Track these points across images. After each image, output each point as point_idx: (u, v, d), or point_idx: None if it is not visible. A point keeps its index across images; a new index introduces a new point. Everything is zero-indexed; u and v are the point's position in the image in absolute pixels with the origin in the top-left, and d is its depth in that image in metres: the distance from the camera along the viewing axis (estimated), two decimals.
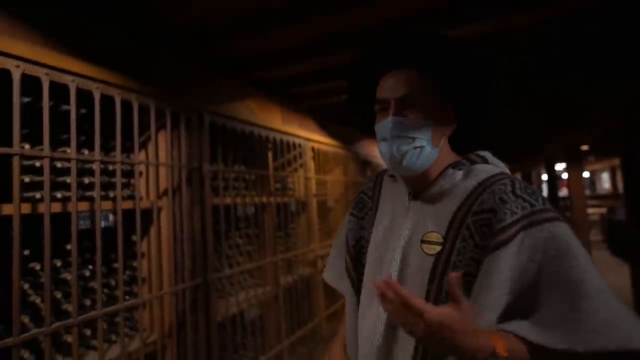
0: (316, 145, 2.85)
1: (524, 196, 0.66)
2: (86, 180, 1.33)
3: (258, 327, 2.10)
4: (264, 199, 2.26)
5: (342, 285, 0.89)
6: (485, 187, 0.69)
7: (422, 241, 0.72)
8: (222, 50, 1.81)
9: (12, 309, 1.00)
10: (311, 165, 2.85)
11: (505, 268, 0.62)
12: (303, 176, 2.70)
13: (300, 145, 2.62)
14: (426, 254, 0.71)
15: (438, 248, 0.70)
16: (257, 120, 2.14)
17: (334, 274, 0.93)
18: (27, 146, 1.13)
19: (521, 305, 0.63)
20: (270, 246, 2.30)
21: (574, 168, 5.38)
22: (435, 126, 0.73)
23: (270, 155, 2.37)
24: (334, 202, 3.34)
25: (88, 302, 1.36)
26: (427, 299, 0.68)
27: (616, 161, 9.59)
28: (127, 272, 1.55)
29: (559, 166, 9.15)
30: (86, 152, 1.33)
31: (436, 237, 0.70)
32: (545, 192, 8.54)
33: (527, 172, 10.35)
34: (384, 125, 0.73)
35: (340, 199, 3.37)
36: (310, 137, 2.75)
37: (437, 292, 0.68)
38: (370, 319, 0.76)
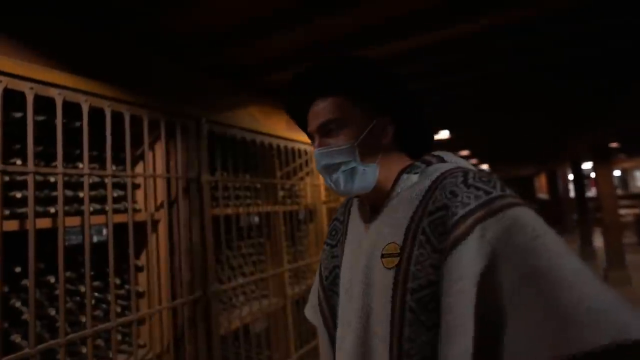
0: None
1: (477, 184, 0.60)
2: (81, 194, 1.31)
3: (264, 341, 2.04)
4: (270, 208, 2.20)
5: (316, 321, 0.84)
6: (437, 185, 0.64)
7: (383, 255, 0.66)
8: (221, 56, 1.79)
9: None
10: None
11: (468, 271, 0.55)
12: (311, 183, 2.63)
13: (306, 152, 2.56)
14: (386, 268, 0.65)
15: (396, 260, 0.64)
16: (259, 127, 2.09)
17: (311, 309, 0.88)
18: (41, 163, 1.11)
19: (491, 315, 0.54)
20: (277, 256, 2.24)
21: (602, 166, 5.09)
22: (366, 142, 0.70)
23: (276, 163, 2.32)
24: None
25: (83, 319, 1.33)
26: (391, 317, 0.62)
27: None
28: (126, 287, 1.52)
29: (587, 165, 8.74)
30: (96, 165, 1.31)
31: (394, 247, 0.65)
32: (572, 193, 8.15)
33: (552, 171, 9.94)
34: (315, 157, 0.73)
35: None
36: None
37: (401, 309, 0.61)
38: (346, 352, 0.69)
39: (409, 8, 1.54)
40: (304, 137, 2.53)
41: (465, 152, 6.74)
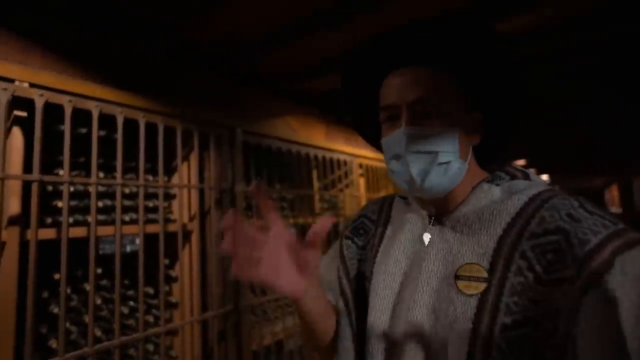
0: (365, 162, 2.68)
1: (599, 212, 0.50)
2: (110, 203, 1.34)
3: (298, 358, 1.96)
4: (308, 220, 2.14)
5: (331, 298, 0.71)
6: (542, 203, 0.53)
7: (458, 277, 0.54)
8: (256, 64, 1.77)
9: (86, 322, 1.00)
10: (360, 182, 2.68)
11: (614, 314, 0.42)
12: (350, 194, 2.54)
13: (346, 163, 2.48)
14: (465, 294, 0.52)
15: (482, 286, 0.51)
16: (296, 137, 2.05)
17: (331, 293, 0.73)
18: (82, 174, 1.15)
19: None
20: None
21: None
22: (464, 135, 0.59)
23: (314, 173, 2.27)
24: None
25: (99, 333, 1.33)
26: (468, 356, 0.50)
27: None
28: (158, 298, 1.53)
29: None
30: (133, 176, 1.34)
31: (477, 270, 0.53)
32: None
33: (627, 182, 8.93)
34: (395, 138, 0.58)
35: None
36: (358, 153, 2.59)
37: (485, 348, 0.49)
38: None
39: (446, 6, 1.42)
40: (344, 147, 2.46)
41: (521, 162, 6.27)
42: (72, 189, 1.20)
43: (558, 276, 0.47)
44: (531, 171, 0.62)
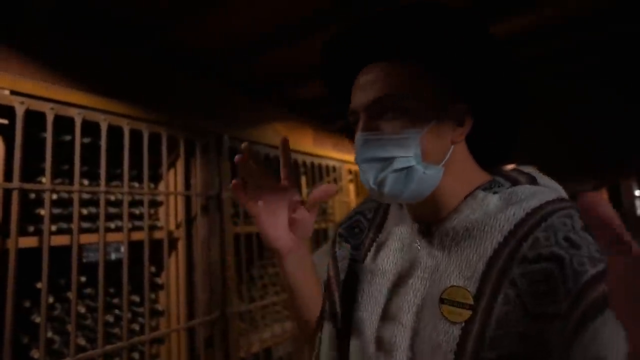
0: (354, 167, 2.70)
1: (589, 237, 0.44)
2: (94, 211, 1.33)
3: None
4: None
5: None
6: (539, 221, 0.46)
7: (443, 300, 0.49)
8: (242, 70, 1.79)
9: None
10: (350, 188, 2.70)
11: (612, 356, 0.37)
12: (340, 200, 2.55)
13: (335, 169, 2.49)
14: (449, 321, 0.47)
15: (467, 314, 0.46)
16: None
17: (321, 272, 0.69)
18: (66, 181, 1.14)
19: None
20: None
21: None
22: (434, 135, 0.51)
23: (303, 180, 2.27)
24: None
25: (83, 342, 1.32)
26: None
27: None
28: (144, 306, 1.52)
29: None
30: (119, 183, 1.34)
31: (463, 295, 0.47)
32: (638, 210, 7.32)
33: (615, 187, 9.06)
34: (355, 145, 0.53)
35: None
36: (346, 158, 2.61)
37: None
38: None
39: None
40: (332, 153, 2.47)
41: (511, 166, 6.32)
42: (54, 196, 1.20)
43: (548, 310, 0.42)
44: (537, 173, 0.55)
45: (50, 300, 1.25)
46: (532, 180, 0.53)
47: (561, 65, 2.11)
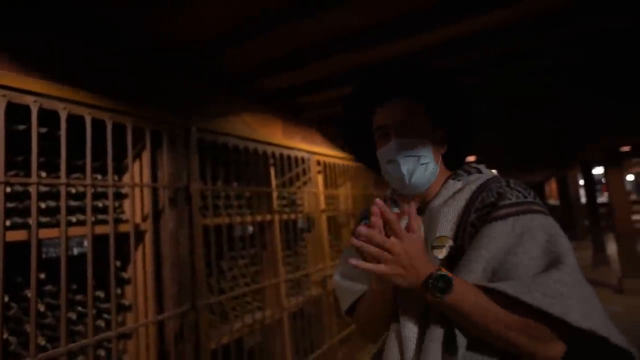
0: (322, 159, 2.72)
1: (518, 189, 0.74)
2: (54, 204, 1.27)
3: (258, 354, 1.96)
4: (265, 217, 2.15)
5: (358, 287, 0.86)
6: (484, 188, 0.76)
7: (433, 247, 0.74)
8: (211, 62, 1.75)
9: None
10: (318, 179, 2.72)
11: (494, 236, 0.68)
12: (309, 191, 2.57)
13: (303, 160, 2.51)
14: (438, 258, 0.73)
15: (448, 251, 0.73)
16: (253, 134, 2.04)
17: (346, 274, 0.90)
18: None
19: (497, 279, 0.66)
20: (273, 267, 2.17)
21: (614, 171, 4.94)
22: (433, 146, 0.82)
23: (272, 171, 2.27)
24: (348, 217, 3.18)
25: (43, 341, 1.27)
26: None
27: None
28: (111, 301, 1.47)
29: (599, 170, 8.54)
30: (80, 175, 1.27)
31: (445, 240, 0.74)
32: (583, 198, 7.93)
33: (563, 177, 9.73)
34: (389, 148, 0.80)
35: (354, 213, 3.21)
36: (315, 150, 2.63)
37: None
38: (395, 345, 0.74)
39: (407, 8, 1.48)
40: (301, 145, 2.48)
41: (471, 158, 6.62)
42: (8, 189, 1.13)
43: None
44: (482, 166, 0.85)
45: (5, 299, 1.18)
46: (479, 171, 0.84)
47: (528, 62, 2.20)
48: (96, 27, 1.32)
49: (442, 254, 0.73)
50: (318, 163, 2.68)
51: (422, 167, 0.79)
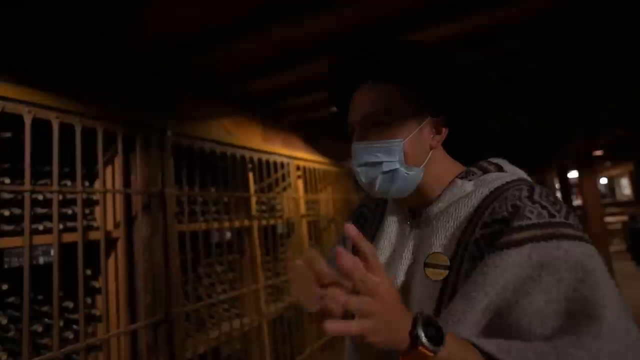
0: (302, 163, 2.71)
1: (544, 203, 0.54)
2: (19, 212, 1.22)
3: None
4: (243, 223, 2.12)
5: None
6: (498, 195, 0.58)
7: (426, 264, 0.60)
8: (187, 64, 1.72)
9: None
10: (298, 184, 2.71)
11: (504, 268, 0.51)
12: (289, 196, 2.56)
13: (283, 165, 2.49)
14: (432, 280, 0.59)
15: (445, 273, 0.58)
16: (231, 139, 2.02)
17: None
18: None
19: (501, 324, 0.51)
20: (252, 273, 2.15)
21: (587, 174, 5.10)
22: (414, 142, 0.63)
23: (251, 176, 2.25)
24: (328, 221, 3.18)
25: (4, 356, 1.21)
26: None
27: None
28: (80, 311, 1.42)
29: (574, 173, 8.82)
30: (48, 181, 1.23)
31: (441, 258, 0.59)
32: None
33: (540, 181, 10.01)
34: (352, 152, 0.66)
35: (336, 218, 3.21)
36: (295, 154, 2.62)
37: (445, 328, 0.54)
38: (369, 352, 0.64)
39: (391, 10, 1.48)
40: (281, 149, 2.47)
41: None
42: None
43: None
44: (505, 162, 0.67)
45: None
46: (499, 168, 0.65)
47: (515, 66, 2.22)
48: (61, 26, 1.28)
49: (435, 275, 0.58)
50: (298, 168, 2.67)
51: (384, 175, 0.62)
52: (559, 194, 7.86)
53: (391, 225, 0.71)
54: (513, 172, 0.64)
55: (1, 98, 1.08)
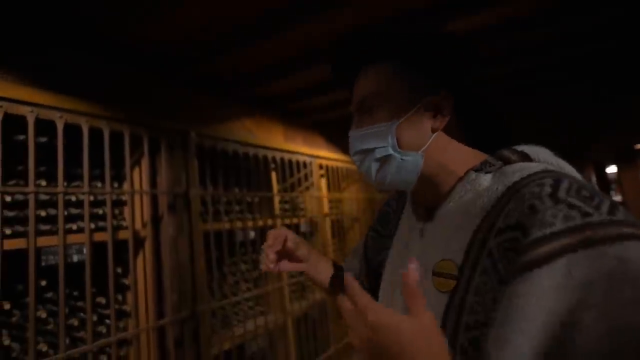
0: (325, 162, 2.72)
1: (572, 201, 0.42)
2: (54, 212, 1.29)
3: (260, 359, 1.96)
4: (268, 222, 2.15)
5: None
6: (514, 193, 0.47)
7: (434, 273, 0.53)
8: (210, 67, 1.76)
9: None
10: (322, 183, 2.72)
11: (537, 295, 0.39)
12: (312, 195, 2.57)
13: (305, 164, 2.50)
14: (439, 290, 0.52)
15: (453, 283, 0.50)
16: (253, 139, 2.05)
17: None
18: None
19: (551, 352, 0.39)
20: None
21: (627, 169, 4.82)
22: (410, 124, 0.57)
23: (274, 175, 2.27)
24: (352, 220, 3.16)
25: (45, 348, 1.28)
26: None
27: None
28: (111, 307, 1.48)
29: (612, 168, 8.34)
30: (79, 183, 1.29)
31: (450, 267, 0.51)
32: None
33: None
34: (349, 142, 0.63)
35: (360, 217, 3.19)
36: (318, 153, 2.62)
37: (450, 345, 0.47)
38: None
39: (402, 7, 1.46)
40: (303, 149, 2.48)
41: None
42: (8, 198, 1.15)
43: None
44: (536, 148, 0.56)
45: (7, 306, 1.20)
46: (525, 157, 0.55)
47: (537, 57, 2.15)
48: (88, 35, 1.34)
49: (442, 286, 0.51)
50: (321, 167, 2.68)
51: (377, 162, 0.58)
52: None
53: (409, 225, 0.66)
54: (545, 160, 0.54)
55: (36, 105, 1.15)
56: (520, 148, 0.56)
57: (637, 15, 1.67)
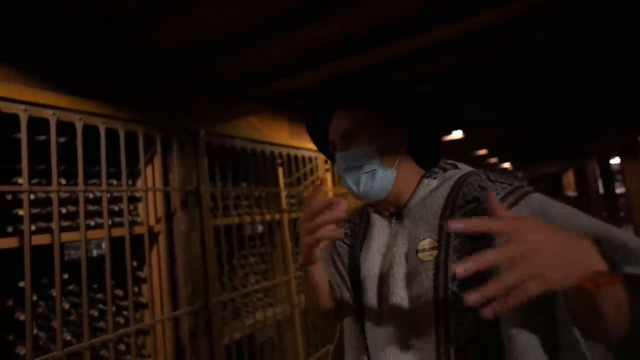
0: None
1: (500, 179, 0.70)
2: (74, 209, 1.35)
3: (269, 350, 2.03)
4: (276, 216, 2.21)
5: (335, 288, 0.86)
6: (462, 183, 0.73)
7: (418, 251, 0.71)
8: (217, 68, 1.81)
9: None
10: (327, 177, 2.77)
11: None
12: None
13: (311, 159, 2.56)
14: (425, 261, 0.70)
15: (435, 252, 0.69)
16: (260, 136, 2.11)
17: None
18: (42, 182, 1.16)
19: None
20: (284, 264, 2.24)
21: (630, 162, 4.83)
22: (385, 149, 0.78)
23: (280, 171, 2.33)
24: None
25: (69, 337, 1.35)
26: (435, 303, 0.67)
27: None
28: (129, 299, 1.56)
29: (616, 160, 8.33)
30: (97, 181, 1.36)
31: (430, 242, 0.71)
32: (600, 189, 7.76)
33: (580, 168, 9.52)
34: (336, 162, 0.80)
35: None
36: None
37: (444, 295, 0.66)
38: (380, 344, 0.73)
39: (409, 8, 1.50)
40: (309, 145, 2.53)
41: (483, 152, 6.56)
42: (33, 197, 1.21)
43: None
44: (459, 163, 0.81)
45: (34, 298, 1.28)
46: (455, 167, 0.80)
47: (535, 57, 2.19)
48: (101, 39, 1.39)
49: (427, 257, 0.69)
50: (326, 162, 2.73)
51: (366, 175, 0.75)
52: (600, 182, 7.47)
53: (378, 228, 0.82)
54: (463, 167, 0.79)
55: (57, 108, 1.21)
56: (450, 162, 0.82)
57: (637, 15, 1.69)
